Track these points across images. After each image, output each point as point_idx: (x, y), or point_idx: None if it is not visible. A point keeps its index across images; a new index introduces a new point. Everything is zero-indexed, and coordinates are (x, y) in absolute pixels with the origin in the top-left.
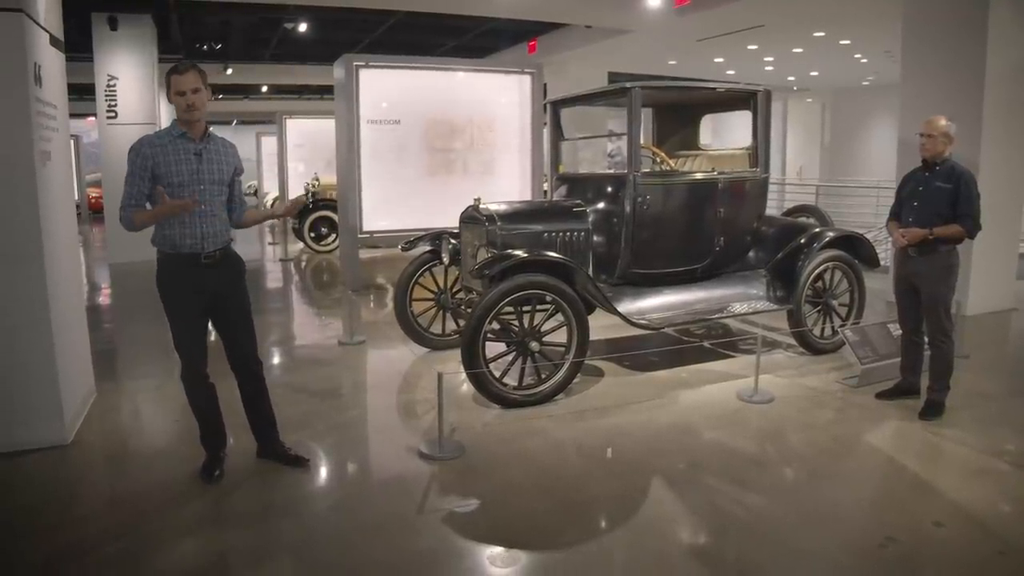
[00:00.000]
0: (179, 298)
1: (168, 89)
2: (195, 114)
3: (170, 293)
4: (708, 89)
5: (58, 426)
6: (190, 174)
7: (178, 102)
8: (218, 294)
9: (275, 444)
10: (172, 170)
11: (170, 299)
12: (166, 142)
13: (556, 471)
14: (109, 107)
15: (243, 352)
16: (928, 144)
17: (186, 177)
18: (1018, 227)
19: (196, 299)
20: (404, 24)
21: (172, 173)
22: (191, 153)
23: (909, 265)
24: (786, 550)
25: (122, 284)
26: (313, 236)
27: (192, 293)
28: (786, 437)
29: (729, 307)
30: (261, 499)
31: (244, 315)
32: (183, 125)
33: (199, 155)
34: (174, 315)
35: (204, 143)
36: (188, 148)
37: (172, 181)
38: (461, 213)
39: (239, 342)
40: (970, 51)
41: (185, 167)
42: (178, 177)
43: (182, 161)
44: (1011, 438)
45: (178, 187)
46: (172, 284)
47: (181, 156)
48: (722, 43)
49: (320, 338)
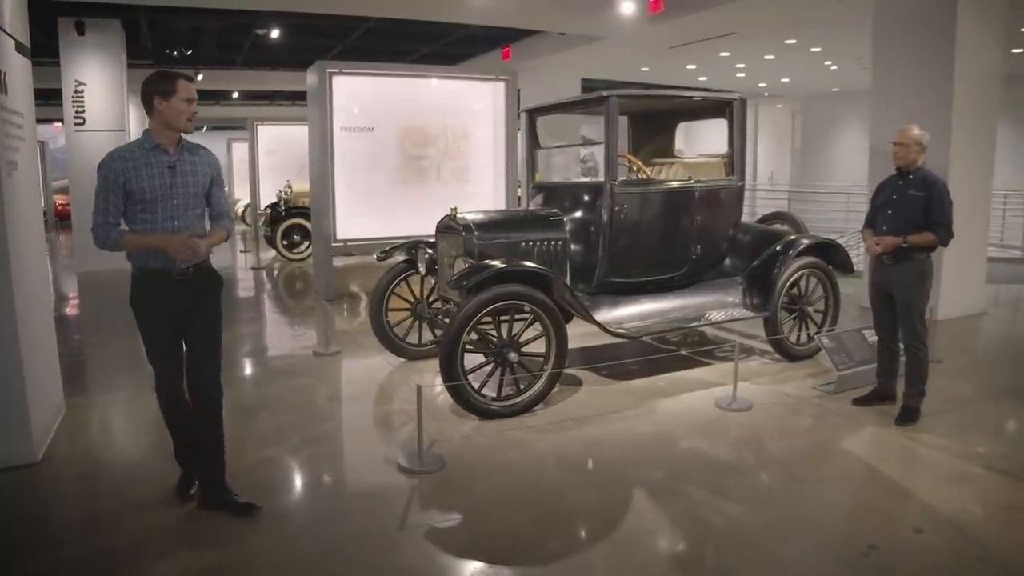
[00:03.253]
0: (151, 315)
1: (170, 95)
2: (191, 125)
3: (142, 310)
4: (684, 97)
5: (26, 444)
6: (163, 189)
7: (184, 110)
8: (189, 311)
9: (223, 491)
10: (144, 185)
11: (142, 316)
12: (137, 156)
13: (537, 483)
14: (77, 113)
15: (202, 372)
16: (901, 153)
17: (159, 192)
18: (986, 232)
19: (168, 316)
20: (376, 31)
21: (144, 189)
22: (164, 166)
23: (884, 273)
24: (770, 559)
25: (90, 294)
26: (286, 244)
27: (164, 310)
28: (765, 445)
29: (706, 315)
30: (236, 518)
31: (211, 334)
32: (159, 136)
33: (172, 168)
34: (147, 332)
35: (178, 155)
36: (161, 161)
37: (144, 197)
38: (437, 223)
39: (200, 362)
40: (939, 60)
41: (158, 182)
42: (151, 193)
43: (155, 176)
44: (985, 442)
45: (151, 203)
46: (144, 301)
47: (154, 171)
48: (694, 50)
49: (294, 348)
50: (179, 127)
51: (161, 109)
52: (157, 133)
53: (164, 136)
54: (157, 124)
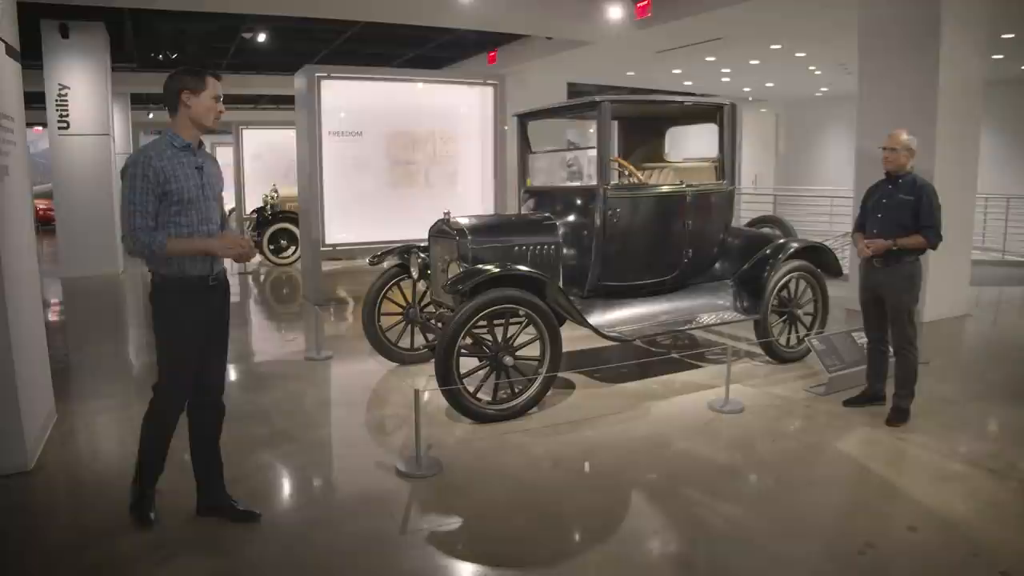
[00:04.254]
0: (187, 325)
1: (200, 91)
2: (217, 124)
3: (176, 320)
4: (676, 102)
5: (19, 452)
6: (196, 190)
7: (213, 107)
8: (214, 321)
9: (224, 497)
10: (183, 186)
11: (176, 326)
12: (170, 154)
13: (535, 486)
14: (60, 117)
15: (214, 383)
16: (891, 157)
17: (194, 193)
18: (970, 235)
19: (204, 325)
20: (363, 35)
21: (183, 189)
22: (193, 167)
23: (874, 275)
24: (768, 559)
25: (75, 300)
26: (272, 249)
27: (201, 319)
28: (759, 446)
29: (697, 318)
30: (236, 524)
31: (225, 343)
32: (189, 136)
33: (200, 169)
34: (177, 343)
35: (202, 156)
36: (190, 161)
37: (183, 198)
38: (430, 227)
39: (215, 372)
40: (923, 67)
41: (193, 183)
42: (188, 194)
43: (190, 176)
44: (974, 442)
45: (188, 204)
46: (180, 310)
47: (188, 171)
48: (681, 55)
49: (285, 353)
50: (207, 125)
51: (191, 105)
52: (185, 131)
53: (191, 135)
54: (183, 122)
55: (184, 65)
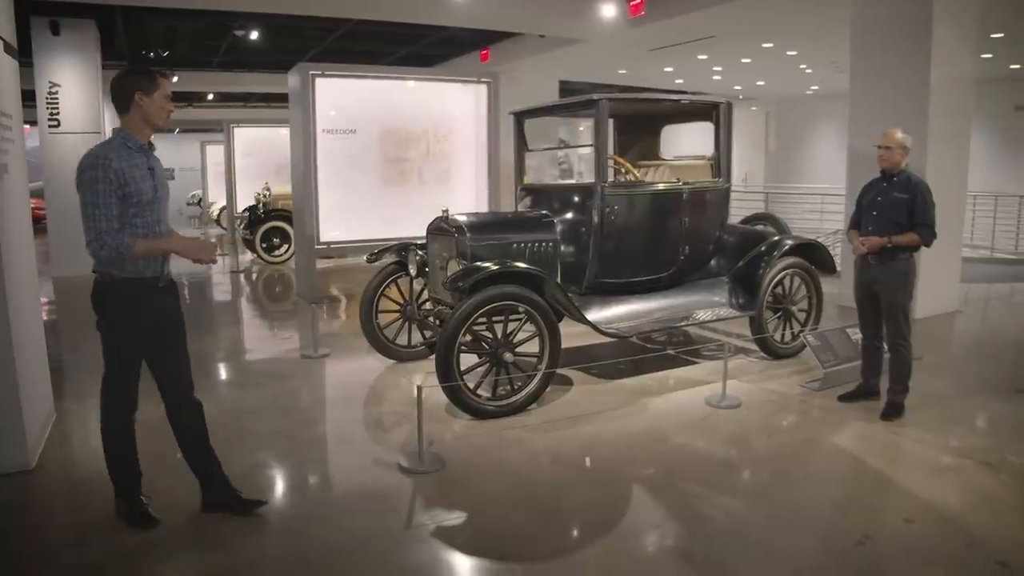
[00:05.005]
0: (136, 331)
1: (152, 91)
2: (168, 123)
3: (126, 323)
4: (672, 101)
5: (21, 451)
6: (151, 191)
7: (165, 107)
8: (165, 322)
9: (228, 488)
10: (141, 187)
11: (124, 330)
12: (126, 156)
13: (536, 481)
14: (51, 115)
15: (183, 383)
16: (886, 155)
17: (150, 195)
18: (961, 232)
19: (153, 328)
20: (355, 32)
21: (141, 191)
22: (145, 168)
23: (869, 272)
24: (768, 552)
25: (67, 299)
26: (265, 247)
27: (152, 320)
28: (756, 441)
29: (694, 315)
30: (240, 520)
31: (184, 342)
32: (142, 136)
33: (152, 169)
34: (122, 349)
35: (152, 158)
36: (143, 162)
37: (142, 199)
38: (428, 224)
39: (180, 374)
40: (915, 66)
41: (148, 184)
42: (146, 195)
43: (145, 178)
44: (967, 436)
45: (145, 205)
46: (131, 313)
47: (143, 172)
48: (673, 53)
49: (280, 351)
50: (159, 124)
51: (144, 105)
52: (138, 132)
53: (144, 135)
54: (136, 122)
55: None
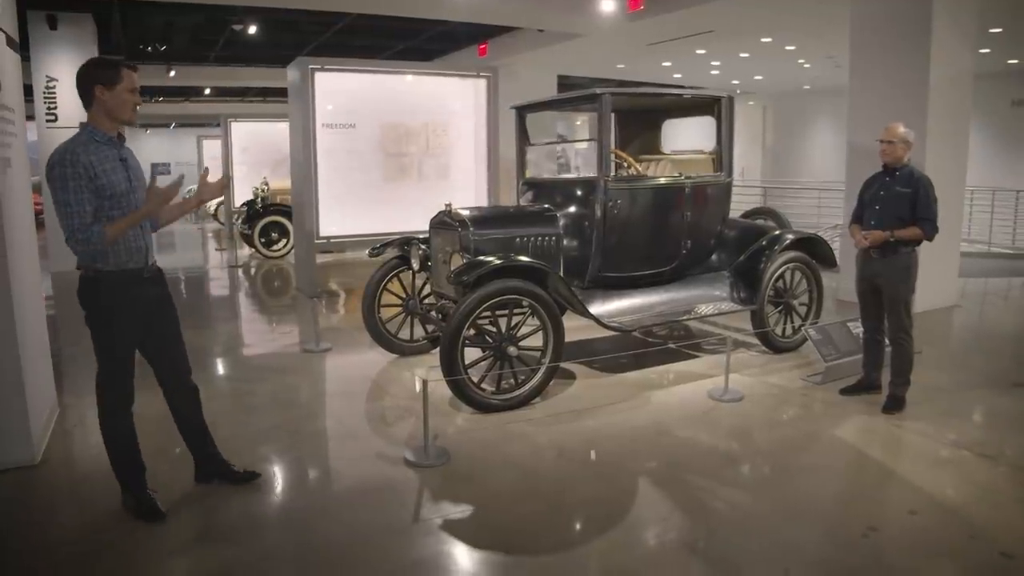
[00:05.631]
0: (124, 321)
1: (114, 84)
2: (135, 117)
3: (114, 316)
4: (674, 95)
5: (26, 445)
6: (124, 183)
7: (130, 100)
8: (155, 312)
9: (220, 463)
10: (112, 180)
11: (111, 323)
12: (95, 149)
13: (541, 474)
14: (48, 110)
15: (180, 369)
16: (888, 150)
17: (123, 187)
18: (960, 227)
19: (142, 318)
20: (352, 27)
21: (114, 183)
22: (117, 160)
23: (871, 266)
24: (774, 543)
25: (65, 294)
26: (263, 241)
27: (138, 314)
28: (759, 434)
29: (696, 308)
30: (249, 513)
31: (178, 331)
32: (109, 129)
33: (124, 161)
34: (113, 342)
35: (123, 148)
36: (114, 155)
37: (115, 191)
38: (431, 219)
39: (177, 360)
40: (914, 62)
41: (120, 175)
42: (118, 187)
43: (117, 169)
44: (968, 429)
45: (120, 197)
46: (117, 306)
47: (114, 164)
48: (671, 47)
49: (281, 346)
50: (123, 119)
51: (105, 99)
52: (103, 124)
53: (110, 127)
54: (99, 116)
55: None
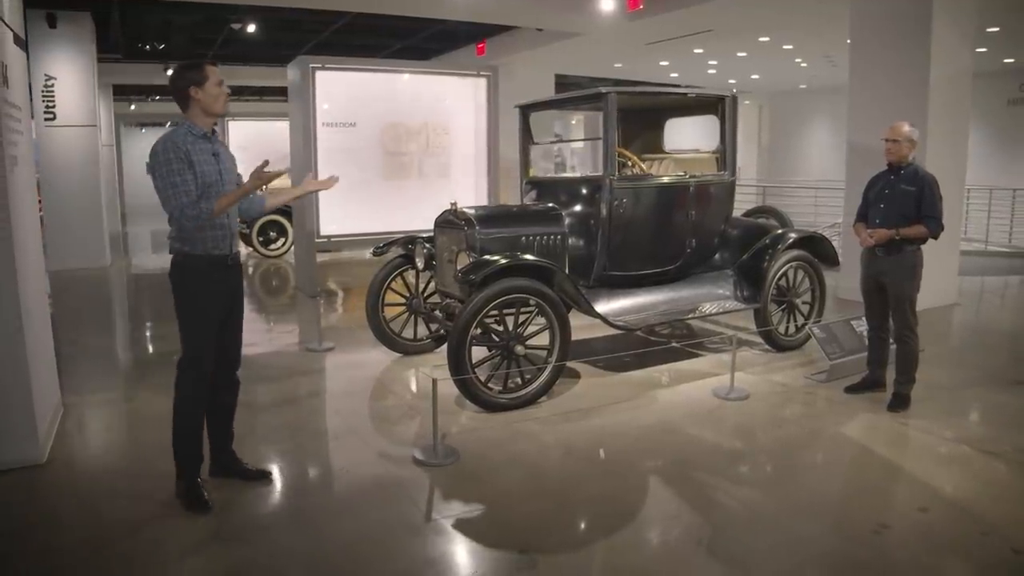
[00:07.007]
0: (209, 304)
1: (203, 83)
2: (227, 107)
3: (199, 299)
4: (678, 94)
5: (32, 445)
6: (215, 175)
7: (220, 94)
8: (233, 298)
9: (234, 460)
10: (204, 170)
11: (198, 305)
12: (191, 141)
13: (550, 473)
14: (47, 108)
15: (232, 359)
16: (893, 148)
17: (214, 178)
18: (959, 226)
19: (225, 300)
20: (351, 26)
21: (205, 174)
22: (210, 154)
23: (876, 264)
24: (786, 539)
25: (63, 292)
26: (261, 240)
27: (222, 297)
28: (765, 432)
29: (700, 307)
30: (259, 514)
31: (241, 320)
32: (204, 124)
33: (217, 156)
34: (200, 323)
35: (216, 144)
36: (207, 148)
37: (206, 180)
38: (436, 217)
39: (233, 349)
40: (914, 61)
41: (211, 167)
42: (209, 178)
43: (209, 162)
44: (973, 426)
45: (209, 187)
46: (203, 289)
47: (207, 157)
48: (669, 47)
49: (283, 345)
50: (217, 111)
51: (199, 98)
52: (200, 121)
53: (206, 124)
54: (196, 114)
55: (176, 58)
